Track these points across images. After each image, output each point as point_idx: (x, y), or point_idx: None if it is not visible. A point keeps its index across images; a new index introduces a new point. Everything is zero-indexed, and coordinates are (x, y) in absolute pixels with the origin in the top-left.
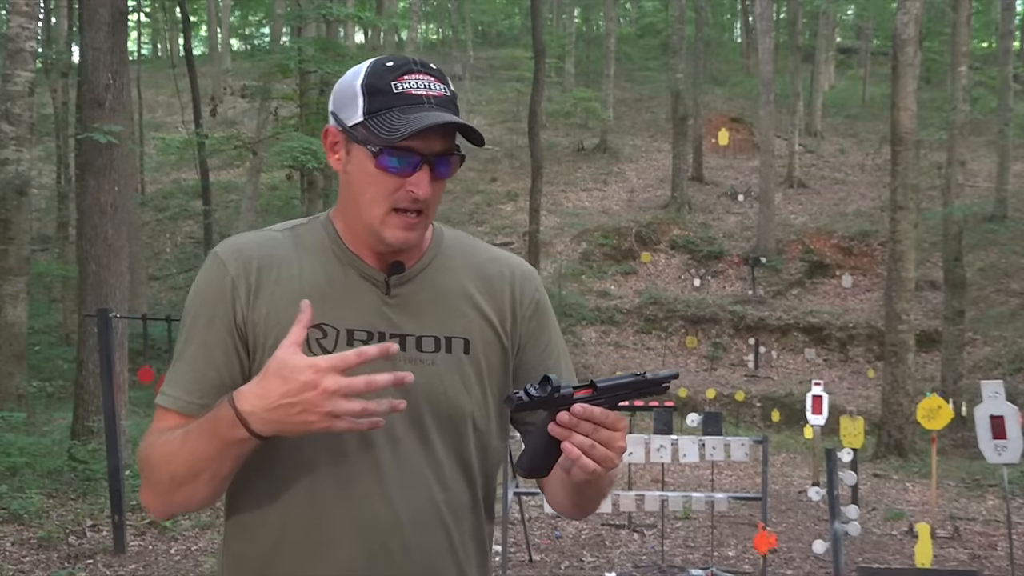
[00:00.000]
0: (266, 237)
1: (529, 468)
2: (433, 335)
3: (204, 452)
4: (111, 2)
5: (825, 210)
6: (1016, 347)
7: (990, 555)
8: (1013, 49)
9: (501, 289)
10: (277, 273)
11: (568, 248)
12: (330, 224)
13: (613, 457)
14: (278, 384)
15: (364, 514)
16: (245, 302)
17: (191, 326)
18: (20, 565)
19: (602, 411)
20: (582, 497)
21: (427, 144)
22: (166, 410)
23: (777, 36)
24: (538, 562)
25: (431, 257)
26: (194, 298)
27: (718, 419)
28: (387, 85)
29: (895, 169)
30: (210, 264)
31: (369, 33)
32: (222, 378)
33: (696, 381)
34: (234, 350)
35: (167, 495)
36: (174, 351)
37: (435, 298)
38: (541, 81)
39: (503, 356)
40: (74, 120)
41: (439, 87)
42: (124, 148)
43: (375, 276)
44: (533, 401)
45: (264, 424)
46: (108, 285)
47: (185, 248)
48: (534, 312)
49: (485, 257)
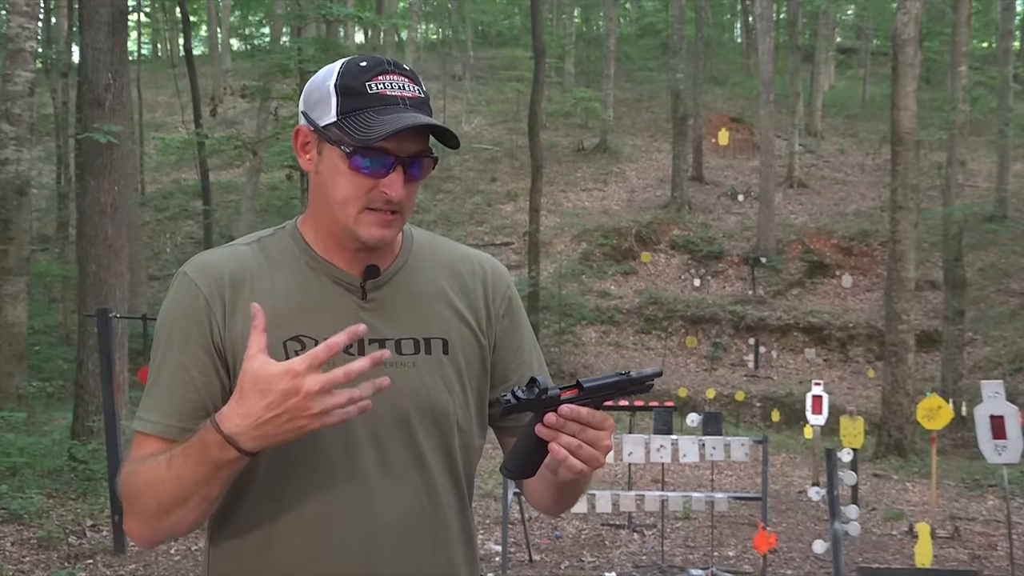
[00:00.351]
0: (233, 252)
1: (516, 470)
2: (412, 337)
3: (192, 476)
4: (111, 2)
5: (825, 210)
6: (1016, 347)
7: (990, 555)
8: (1013, 49)
9: (474, 287)
10: (250, 287)
11: (568, 248)
12: (298, 233)
13: (599, 456)
14: (258, 399)
15: (352, 521)
16: (221, 320)
17: (165, 349)
18: (20, 565)
19: (588, 411)
20: (563, 494)
21: (401, 146)
22: (146, 436)
23: (777, 36)
24: (538, 562)
25: (404, 259)
26: (165, 320)
27: (718, 419)
28: (361, 85)
29: (895, 169)
30: (179, 284)
31: (369, 33)
32: (202, 399)
33: (696, 381)
34: (213, 370)
35: (154, 522)
36: (148, 376)
37: (411, 300)
38: (541, 81)
39: (481, 354)
40: (74, 120)
41: (413, 88)
42: (124, 148)
43: (350, 281)
44: (521, 403)
45: (254, 441)
46: (108, 285)
47: (185, 248)
48: (507, 310)
49: (456, 255)
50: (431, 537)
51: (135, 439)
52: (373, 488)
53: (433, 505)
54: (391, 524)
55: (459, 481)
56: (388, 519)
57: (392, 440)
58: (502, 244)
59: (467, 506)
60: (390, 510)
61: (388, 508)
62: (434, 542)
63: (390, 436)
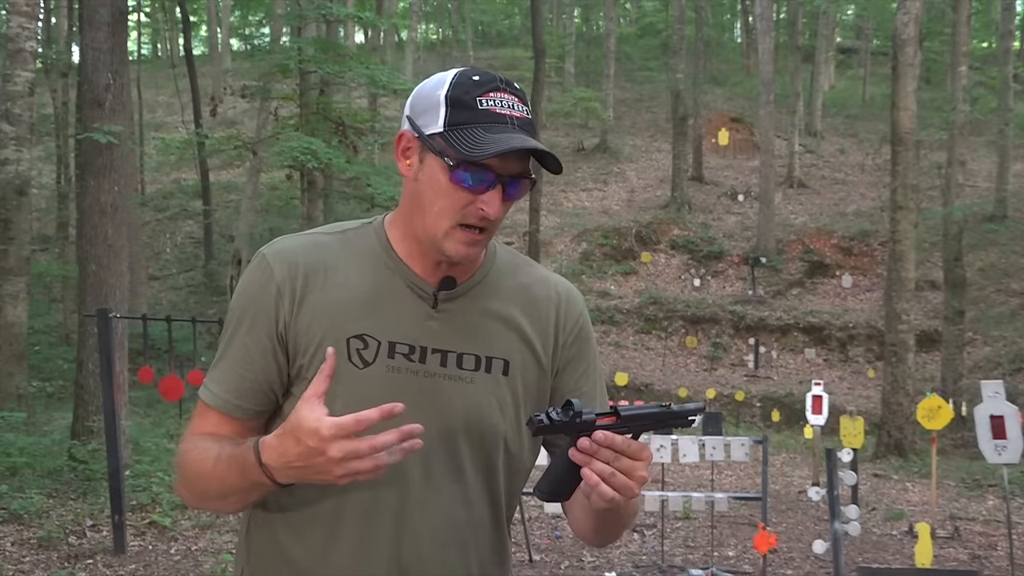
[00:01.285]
0: (314, 242)
1: (548, 492)
2: (474, 354)
3: (232, 483)
4: (111, 2)
5: (825, 210)
6: (1016, 347)
7: (990, 555)
8: (1013, 49)
9: (547, 312)
10: (323, 279)
11: (568, 248)
12: (383, 230)
13: (633, 486)
14: (292, 444)
15: (388, 521)
16: (288, 309)
17: (235, 326)
18: (20, 565)
19: (624, 439)
20: (602, 524)
21: (504, 165)
22: (207, 406)
23: (777, 36)
24: (538, 562)
25: (482, 275)
26: (239, 298)
27: (718, 419)
28: (472, 100)
29: (895, 169)
30: (256, 266)
31: (369, 33)
32: (258, 382)
33: (696, 381)
34: (272, 355)
35: (198, 501)
36: (218, 346)
37: (480, 317)
38: (541, 81)
39: (541, 379)
40: (74, 120)
41: (522, 108)
42: (124, 148)
43: (423, 288)
44: (554, 425)
45: (287, 477)
46: (108, 285)
47: (185, 248)
48: (576, 337)
49: (534, 277)
50: (461, 549)
51: (197, 406)
52: (412, 493)
53: (467, 519)
54: (424, 530)
55: (497, 499)
56: (422, 525)
57: (437, 450)
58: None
59: (503, 525)
60: (425, 517)
61: (424, 515)
62: (464, 554)
63: (436, 445)
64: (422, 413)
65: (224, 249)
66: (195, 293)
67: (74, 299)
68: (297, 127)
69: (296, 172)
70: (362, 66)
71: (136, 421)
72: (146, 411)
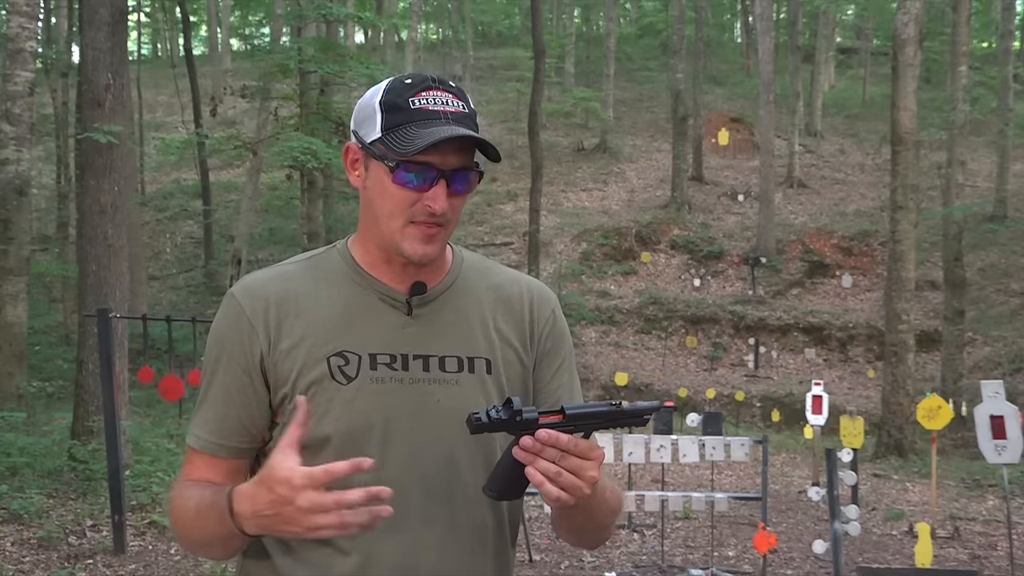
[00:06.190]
0: (280, 272)
1: (496, 491)
2: (456, 355)
3: (212, 532)
4: (111, 2)
5: (825, 210)
6: (1016, 347)
7: (990, 555)
8: (1013, 49)
9: (520, 309)
10: (295, 306)
11: (568, 248)
12: (347, 250)
13: (582, 486)
14: (265, 493)
15: (388, 538)
16: (264, 340)
17: (213, 367)
18: (20, 565)
19: (569, 438)
20: (575, 524)
21: (444, 159)
22: (194, 450)
23: (777, 36)
24: (538, 562)
25: (452, 278)
26: (212, 339)
27: (718, 419)
28: (405, 101)
29: (895, 169)
30: (226, 305)
31: (369, 33)
32: (241, 419)
33: (696, 381)
34: (251, 389)
35: (190, 548)
36: (199, 391)
37: (457, 319)
38: (541, 81)
39: (523, 375)
40: (74, 120)
41: (457, 103)
42: (124, 148)
43: (396, 297)
44: (493, 423)
45: (254, 528)
46: (108, 285)
47: (185, 248)
48: (550, 332)
49: (504, 278)
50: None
51: (186, 453)
52: (411, 504)
53: (467, 524)
54: (425, 540)
55: (498, 504)
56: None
57: (430, 451)
58: (502, 244)
59: (505, 530)
60: (425, 526)
61: (423, 523)
62: (466, 561)
63: (430, 449)
64: (412, 419)
65: (224, 249)
66: (195, 293)
67: (74, 299)
68: (297, 127)
69: (296, 172)
70: (362, 66)
71: (136, 421)
72: (146, 411)
